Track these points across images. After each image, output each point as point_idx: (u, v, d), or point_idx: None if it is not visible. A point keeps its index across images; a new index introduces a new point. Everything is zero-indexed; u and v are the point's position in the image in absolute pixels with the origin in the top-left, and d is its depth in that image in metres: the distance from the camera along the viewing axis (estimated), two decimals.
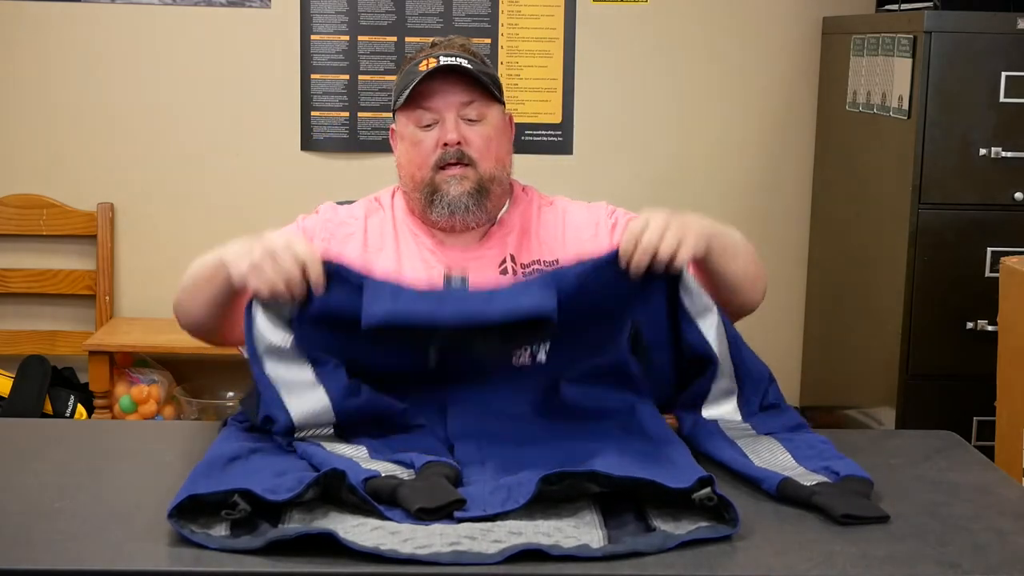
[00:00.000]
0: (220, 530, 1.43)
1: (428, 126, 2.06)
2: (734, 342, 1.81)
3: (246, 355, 1.68)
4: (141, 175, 3.95)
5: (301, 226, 2.14)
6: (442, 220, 2.06)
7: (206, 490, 1.45)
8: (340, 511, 1.48)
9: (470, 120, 2.06)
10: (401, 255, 2.08)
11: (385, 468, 1.57)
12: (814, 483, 1.58)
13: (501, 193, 2.11)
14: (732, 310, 1.92)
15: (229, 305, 1.85)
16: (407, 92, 2.05)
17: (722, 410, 1.81)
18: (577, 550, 1.39)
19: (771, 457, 1.69)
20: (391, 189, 2.20)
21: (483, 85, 2.07)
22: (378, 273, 1.76)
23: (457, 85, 2.05)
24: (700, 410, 1.82)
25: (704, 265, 1.88)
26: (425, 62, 2.06)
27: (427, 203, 2.05)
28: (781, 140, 4.05)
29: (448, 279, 2.02)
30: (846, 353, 3.76)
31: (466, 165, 2.05)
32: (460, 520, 1.45)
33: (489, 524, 1.45)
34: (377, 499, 1.49)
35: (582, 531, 1.44)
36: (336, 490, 1.49)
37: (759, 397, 1.82)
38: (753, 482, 1.61)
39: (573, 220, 2.13)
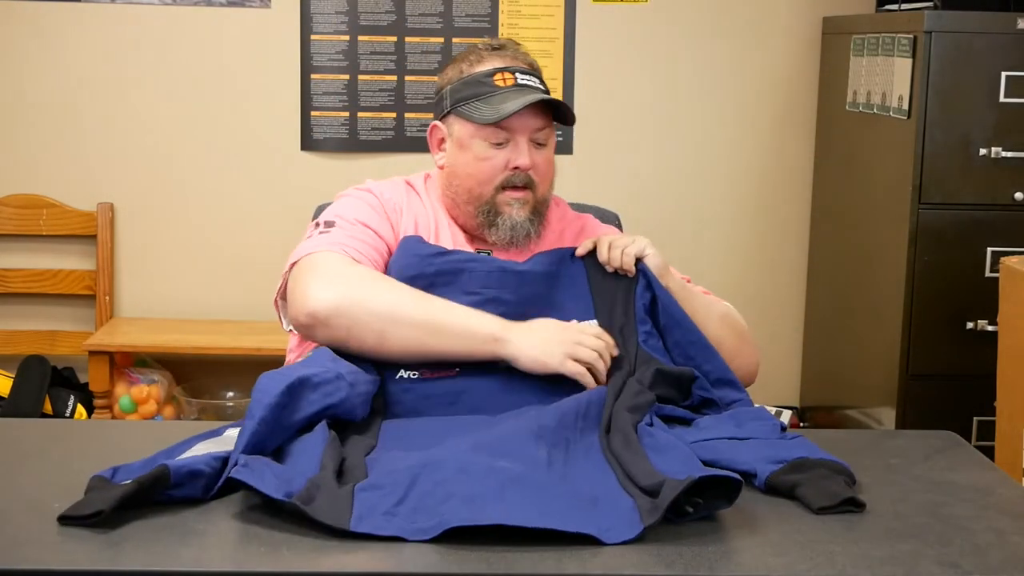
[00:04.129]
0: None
1: (499, 144, 2.04)
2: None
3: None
4: (141, 175, 3.95)
5: (372, 191, 2.11)
6: (502, 241, 2.06)
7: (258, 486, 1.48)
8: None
9: (538, 144, 2.06)
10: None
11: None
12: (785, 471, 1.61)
13: (547, 212, 2.13)
14: None
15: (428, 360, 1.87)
16: (496, 114, 2.01)
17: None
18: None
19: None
20: (422, 177, 2.18)
21: (559, 114, 2.07)
22: None
23: (536, 109, 2.04)
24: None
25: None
26: (501, 76, 2.04)
27: (486, 222, 2.06)
28: (781, 140, 4.05)
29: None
30: (846, 353, 3.76)
31: (527, 188, 2.05)
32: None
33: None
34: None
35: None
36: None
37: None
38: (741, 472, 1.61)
39: (587, 238, 2.15)
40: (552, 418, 1.69)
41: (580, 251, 2.03)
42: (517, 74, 2.05)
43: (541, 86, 2.07)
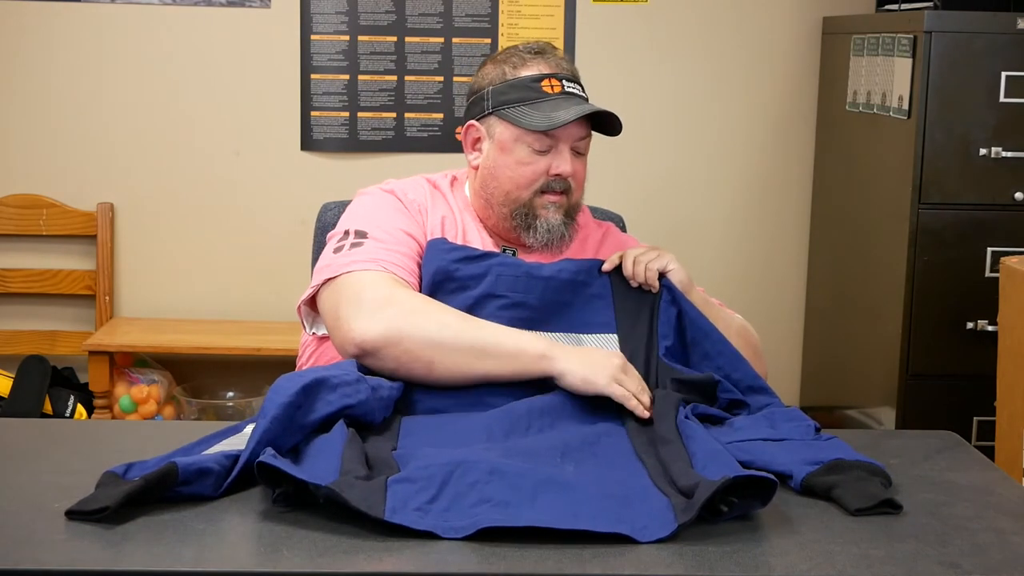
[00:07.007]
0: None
1: (542, 151, 2.05)
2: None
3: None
4: (141, 175, 3.95)
5: (395, 192, 2.11)
6: (538, 244, 2.08)
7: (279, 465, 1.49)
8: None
9: (578, 153, 2.08)
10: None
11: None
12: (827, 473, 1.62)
13: (578, 216, 2.15)
14: None
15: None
16: (548, 122, 2.02)
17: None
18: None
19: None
20: (449, 178, 2.19)
21: (604, 126, 2.09)
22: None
23: (581, 119, 2.06)
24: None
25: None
26: (548, 83, 2.06)
27: (523, 225, 2.07)
28: (781, 140, 4.05)
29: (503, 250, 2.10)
30: (846, 353, 3.76)
31: (563, 193, 2.07)
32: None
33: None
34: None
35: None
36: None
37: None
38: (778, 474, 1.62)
39: (608, 247, 2.18)
40: (574, 436, 1.69)
41: (607, 266, 2.03)
42: (564, 81, 2.07)
43: (584, 94, 2.10)
